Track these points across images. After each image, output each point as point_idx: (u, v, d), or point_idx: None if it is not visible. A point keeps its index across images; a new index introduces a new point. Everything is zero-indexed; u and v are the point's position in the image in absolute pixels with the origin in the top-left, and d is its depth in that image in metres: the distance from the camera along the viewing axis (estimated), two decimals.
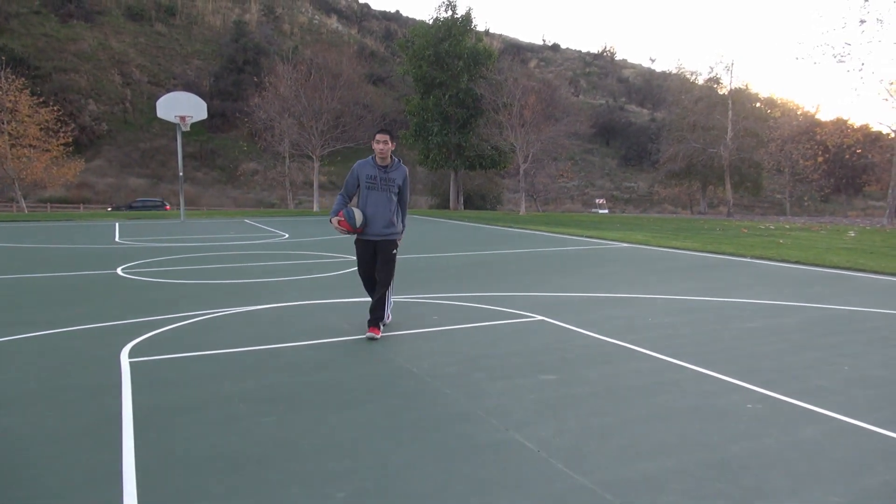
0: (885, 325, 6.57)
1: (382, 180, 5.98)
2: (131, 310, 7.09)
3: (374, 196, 5.97)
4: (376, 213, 5.96)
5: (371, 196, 5.97)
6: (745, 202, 58.82)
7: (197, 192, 52.00)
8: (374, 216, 5.96)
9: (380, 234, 6.00)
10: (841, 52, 28.38)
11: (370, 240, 6.02)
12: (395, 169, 6.07)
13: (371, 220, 5.96)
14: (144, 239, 16.51)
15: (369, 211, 5.96)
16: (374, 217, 5.96)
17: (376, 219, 5.97)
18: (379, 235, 6.01)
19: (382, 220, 5.99)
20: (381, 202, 5.98)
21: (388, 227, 6.02)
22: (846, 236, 18.44)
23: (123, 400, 4.16)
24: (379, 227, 5.99)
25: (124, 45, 65.02)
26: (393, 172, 6.04)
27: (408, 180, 6.21)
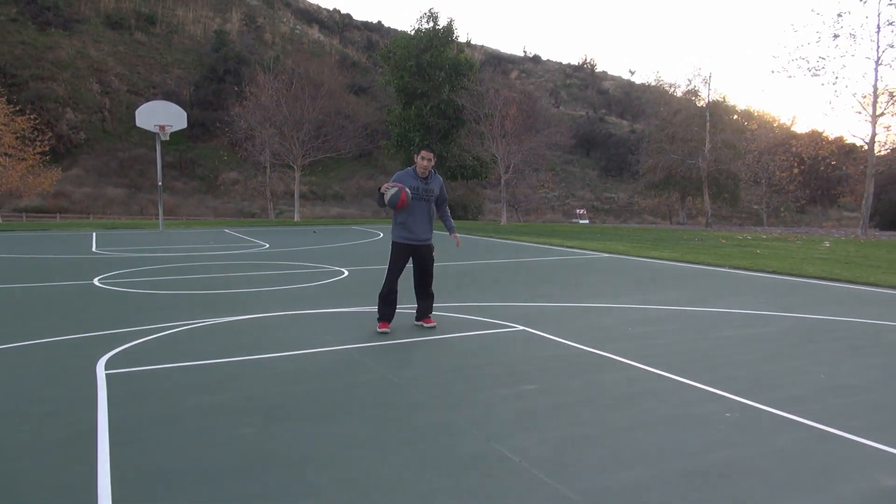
0: (858, 333, 6.68)
1: (424, 191, 6.52)
2: (108, 321, 7.00)
3: (416, 205, 6.47)
4: (419, 221, 6.52)
5: (414, 205, 6.46)
6: (724, 213, 59.54)
7: (176, 202, 51.54)
8: (416, 224, 6.51)
9: (422, 239, 6.60)
10: (815, 66, 28.93)
11: (412, 244, 6.56)
12: (433, 180, 6.64)
13: (414, 228, 6.51)
14: (122, 249, 16.32)
15: (414, 220, 6.50)
16: (417, 224, 6.51)
17: (419, 226, 6.53)
18: (421, 241, 6.60)
19: (424, 227, 6.58)
20: (422, 211, 6.54)
21: (428, 233, 6.63)
22: (821, 247, 18.73)
23: (99, 412, 4.10)
24: (421, 233, 6.57)
25: (103, 54, 64.46)
26: (432, 183, 6.62)
27: (444, 188, 6.84)
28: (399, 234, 6.58)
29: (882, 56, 27.34)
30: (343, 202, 59.66)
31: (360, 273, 11.58)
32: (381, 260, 13.85)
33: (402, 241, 6.56)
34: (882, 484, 3.19)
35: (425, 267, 6.70)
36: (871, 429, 3.92)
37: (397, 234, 6.59)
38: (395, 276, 6.59)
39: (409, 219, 6.49)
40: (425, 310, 6.77)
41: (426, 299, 6.77)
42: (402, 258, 6.60)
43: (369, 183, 62.61)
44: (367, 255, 15.36)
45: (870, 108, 28.08)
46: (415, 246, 6.58)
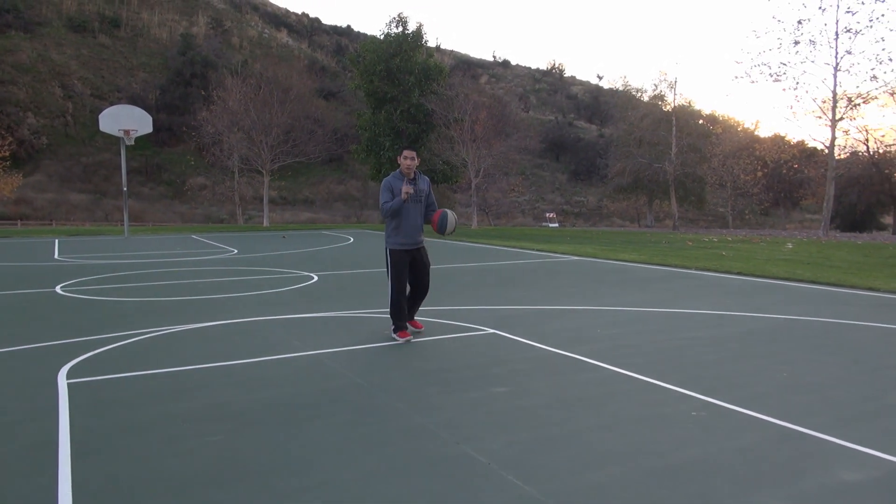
0: (820, 332, 6.83)
1: (415, 192, 6.41)
2: (71, 329, 6.85)
3: (409, 210, 6.38)
4: (413, 224, 6.43)
5: (407, 210, 6.37)
6: (690, 215, 60.48)
7: (142, 208, 50.61)
8: (411, 227, 6.41)
9: (418, 242, 6.51)
10: (777, 72, 29.58)
11: (410, 249, 6.45)
12: (421, 180, 6.57)
13: (408, 232, 6.40)
14: (86, 256, 15.99)
15: (408, 223, 6.39)
16: (411, 227, 6.41)
17: (413, 229, 6.43)
18: (418, 244, 6.51)
19: (417, 229, 6.49)
20: (415, 213, 6.45)
21: (421, 234, 6.55)
22: (784, 248, 19.13)
23: (61, 423, 4.01)
24: (417, 237, 6.48)
25: (66, 58, 63.12)
26: (420, 183, 6.53)
27: (430, 186, 6.76)
28: (395, 240, 6.38)
29: (840, 62, 28.11)
30: (313, 207, 59.22)
31: (330, 278, 11.50)
32: (351, 264, 13.83)
33: (399, 249, 6.38)
34: (843, 479, 3.27)
35: (423, 272, 6.55)
36: (833, 425, 4.01)
37: (393, 241, 6.39)
38: (403, 284, 6.41)
39: (404, 223, 6.36)
40: (412, 313, 6.73)
41: (416, 302, 6.69)
42: (403, 265, 6.41)
43: (339, 187, 62.31)
44: (337, 259, 15.27)
45: (829, 112, 28.80)
46: (412, 251, 6.46)
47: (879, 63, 27.72)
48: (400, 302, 6.40)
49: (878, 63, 27.84)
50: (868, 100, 29.13)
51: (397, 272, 6.38)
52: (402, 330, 6.43)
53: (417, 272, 6.51)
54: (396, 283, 6.37)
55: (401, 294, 6.39)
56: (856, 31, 27.46)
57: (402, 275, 6.40)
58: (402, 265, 6.40)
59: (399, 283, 6.38)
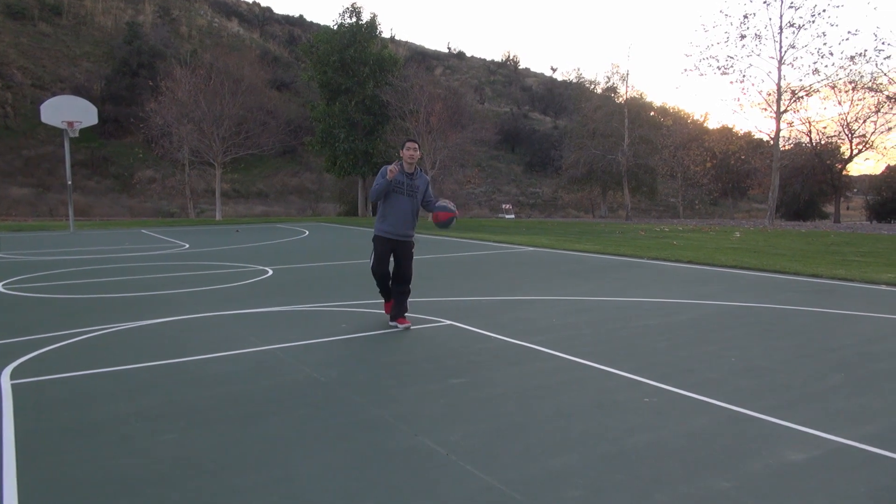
0: (767, 318, 7.06)
1: (408, 186, 6.48)
2: (14, 328, 6.61)
3: (399, 200, 6.45)
4: (401, 216, 6.48)
5: (397, 200, 6.44)
6: (643, 206, 61.62)
7: (89, 202, 49.01)
8: (398, 218, 6.47)
9: (402, 234, 6.55)
10: (724, 65, 30.30)
11: (392, 239, 6.53)
12: (419, 177, 6.59)
13: (395, 222, 6.47)
14: (29, 252, 15.43)
15: (396, 214, 6.46)
16: (399, 219, 6.48)
17: (400, 221, 6.49)
18: (401, 236, 6.55)
19: (406, 223, 6.53)
20: (404, 206, 6.48)
21: (409, 229, 6.58)
22: (732, 237, 19.67)
23: (4, 424, 3.87)
24: (401, 229, 6.51)
25: (3, 46, 60.56)
26: (418, 180, 6.56)
27: (430, 186, 6.78)
28: (379, 227, 6.55)
29: (784, 56, 28.93)
30: (267, 200, 58.29)
31: (285, 272, 11.36)
32: (307, 258, 13.69)
33: (382, 235, 6.52)
34: (788, 459, 3.39)
35: (403, 265, 6.58)
36: (779, 407, 4.15)
37: (378, 227, 6.57)
38: (381, 269, 6.56)
39: (391, 212, 6.45)
40: (400, 310, 6.60)
41: (401, 299, 6.62)
42: (384, 251, 6.54)
43: (294, 180, 61.44)
44: (292, 253, 15.09)
45: (774, 104, 29.66)
46: (395, 241, 6.53)
47: (821, 57, 28.68)
48: (382, 285, 6.66)
49: (819, 57, 28.81)
50: (811, 92, 30.12)
51: (376, 257, 6.58)
52: (388, 301, 6.74)
53: (398, 261, 6.62)
54: (376, 266, 6.57)
55: (382, 277, 6.60)
56: (799, 25, 28.31)
57: (380, 260, 6.55)
58: (382, 252, 6.54)
59: (377, 266, 6.56)
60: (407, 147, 6.48)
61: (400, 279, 6.59)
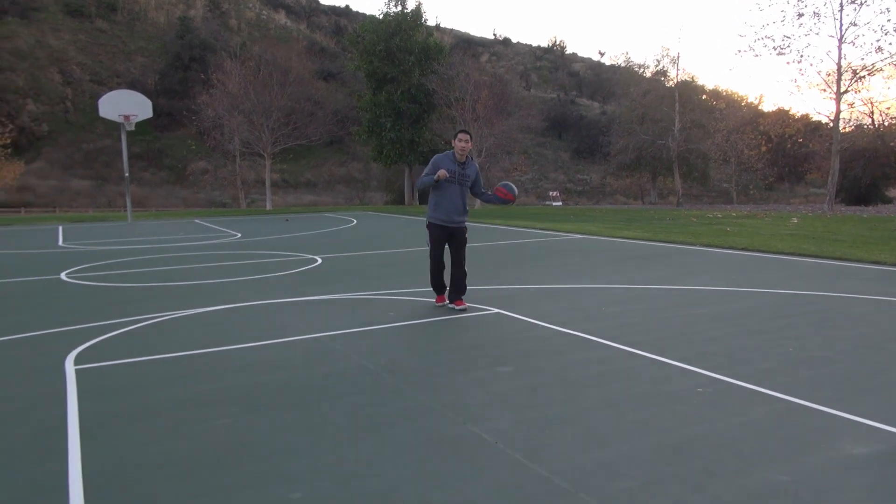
0: (827, 307, 6.81)
1: (459, 175, 6.71)
2: (76, 316, 6.87)
3: (450, 188, 6.68)
4: (453, 204, 6.72)
5: (448, 188, 6.67)
6: (694, 192, 60.20)
7: (145, 193, 50.58)
8: (450, 206, 6.71)
9: (455, 221, 6.78)
10: (781, 45, 29.26)
11: (447, 226, 6.77)
12: (469, 165, 6.82)
13: (447, 210, 6.71)
14: (89, 242, 16.00)
15: (448, 202, 6.70)
16: (451, 207, 6.72)
17: (452, 208, 6.72)
18: (455, 223, 6.79)
19: (457, 210, 6.76)
20: (456, 194, 6.72)
21: (461, 215, 6.82)
22: (789, 223, 19.05)
23: (69, 409, 4.03)
24: (455, 216, 6.76)
25: (63, 43, 62.75)
26: (468, 168, 6.79)
27: (480, 174, 7.02)
28: (433, 215, 6.80)
29: (845, 34, 27.76)
30: (315, 189, 59.13)
31: (334, 260, 11.50)
32: (355, 246, 13.82)
33: (436, 223, 6.78)
34: (849, 452, 3.27)
35: (457, 249, 6.84)
36: (840, 399, 4.01)
37: (431, 215, 6.82)
38: (437, 256, 6.84)
39: (443, 200, 6.70)
40: (457, 292, 6.83)
41: (458, 282, 6.83)
42: (439, 238, 6.82)
43: (341, 170, 62.13)
44: (341, 242, 15.26)
45: (834, 85, 28.52)
46: (449, 228, 6.77)
47: (885, 34, 27.40)
48: (436, 273, 6.92)
49: (883, 34, 27.53)
50: (873, 72, 28.84)
51: (432, 245, 6.86)
52: (439, 294, 7.00)
53: (452, 248, 6.86)
54: (432, 254, 6.85)
55: (437, 265, 6.86)
56: (861, 1, 27.10)
57: (436, 248, 6.84)
58: (438, 239, 6.82)
59: (434, 253, 6.84)
60: (459, 138, 6.70)
61: (456, 265, 6.84)
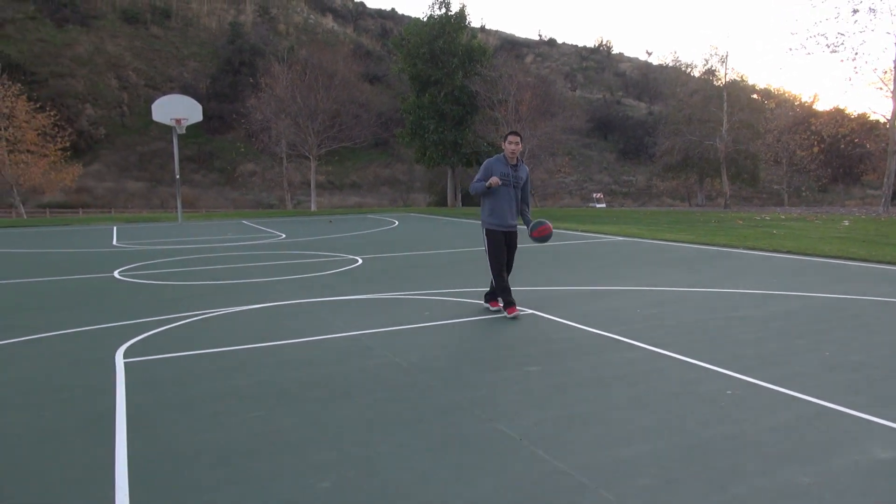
0: (869, 311, 6.66)
1: (513, 177, 6.61)
2: (127, 312, 7.19)
3: (504, 192, 6.59)
4: (507, 208, 6.63)
5: (502, 192, 6.57)
6: (744, 193, 58.83)
7: (196, 195, 52.14)
8: (506, 210, 6.62)
9: (510, 225, 6.72)
10: (834, 42, 28.43)
11: (505, 231, 6.68)
12: (521, 168, 6.72)
13: (502, 214, 6.62)
14: (142, 242, 16.61)
15: (501, 206, 6.61)
16: (505, 211, 6.63)
17: (506, 212, 6.64)
18: (510, 227, 6.73)
19: (512, 214, 6.69)
20: (511, 197, 6.65)
21: (514, 219, 6.75)
22: (840, 226, 18.52)
23: (117, 399, 4.26)
24: (509, 220, 6.69)
25: (120, 49, 65.07)
26: (520, 171, 6.69)
27: (529, 177, 6.90)
28: (489, 220, 6.68)
29: None
30: (360, 191, 59.94)
31: (374, 261, 11.70)
32: (396, 248, 14.01)
33: (493, 228, 6.66)
34: (877, 456, 3.24)
35: (509, 254, 6.77)
36: (873, 404, 3.95)
37: (488, 220, 6.69)
38: (501, 261, 6.64)
39: (498, 205, 6.60)
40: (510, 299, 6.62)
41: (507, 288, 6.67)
42: (498, 243, 6.66)
43: (386, 171, 62.82)
44: (382, 242, 15.49)
45: (891, 83, 27.56)
46: (506, 233, 6.70)
47: None
48: (501, 279, 6.61)
49: None
50: None
51: (494, 250, 6.67)
52: (509, 307, 6.57)
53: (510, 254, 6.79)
54: (494, 260, 6.66)
55: (500, 271, 6.64)
56: None
57: (498, 252, 6.66)
58: (498, 244, 6.66)
59: (496, 260, 6.65)
60: (509, 141, 6.60)
61: (506, 266, 6.76)
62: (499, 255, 6.64)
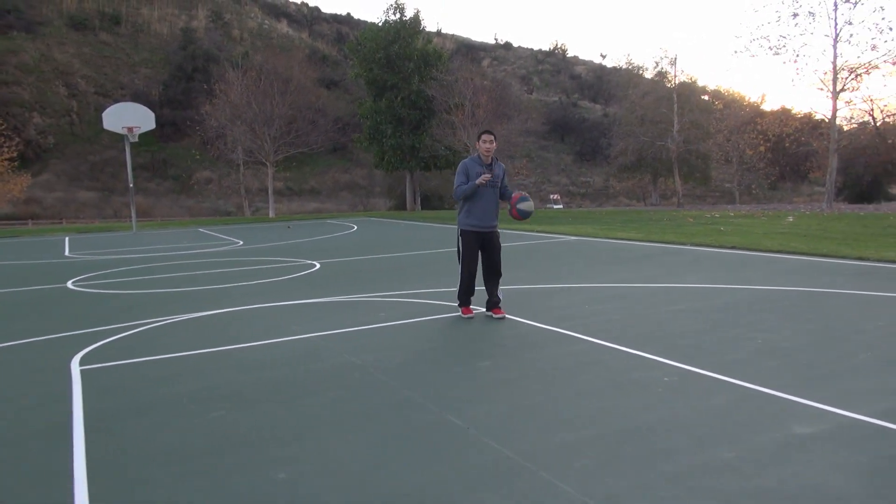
0: (800, 301, 7.06)
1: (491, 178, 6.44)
2: (82, 321, 7.17)
3: (483, 192, 6.48)
4: (487, 208, 6.53)
5: (483, 192, 6.47)
6: (698, 192, 60.31)
7: (150, 203, 51.09)
8: (484, 210, 6.52)
9: (490, 226, 6.60)
10: (776, 45, 29.49)
11: (482, 232, 6.57)
12: (497, 165, 6.60)
13: (481, 215, 6.51)
14: (95, 252, 16.35)
15: (481, 206, 6.50)
16: (485, 211, 6.52)
17: (486, 213, 6.53)
18: (490, 228, 6.61)
19: (491, 214, 6.58)
20: (490, 198, 6.55)
21: (494, 219, 6.64)
22: (784, 222, 19.25)
23: (74, 405, 4.31)
24: (489, 220, 6.58)
25: (68, 56, 63.43)
26: (496, 168, 6.57)
27: (505, 174, 6.78)
28: (466, 221, 6.56)
29: (840, 33, 27.97)
30: (320, 196, 59.55)
31: (332, 265, 11.79)
32: (353, 251, 14.11)
33: (469, 229, 6.55)
34: (795, 432, 3.52)
35: (493, 256, 6.67)
36: (795, 386, 4.25)
37: (464, 221, 6.57)
38: (472, 264, 6.58)
39: (477, 206, 6.49)
40: (495, 300, 6.71)
41: (494, 289, 6.72)
42: (473, 246, 6.58)
43: (345, 176, 62.54)
44: (339, 247, 15.56)
45: (830, 84, 28.70)
46: (483, 233, 6.57)
47: (880, 32, 27.63)
48: (467, 281, 6.62)
49: (878, 32, 27.75)
50: (869, 70, 29.01)
51: (466, 253, 6.59)
52: (465, 306, 6.71)
53: (488, 254, 6.66)
54: (465, 263, 6.58)
55: (469, 274, 6.59)
56: (855, 1, 27.30)
57: (470, 255, 6.58)
58: (472, 246, 6.58)
59: (467, 263, 6.58)
60: (483, 140, 6.50)
61: (493, 272, 6.68)
62: (471, 258, 6.58)
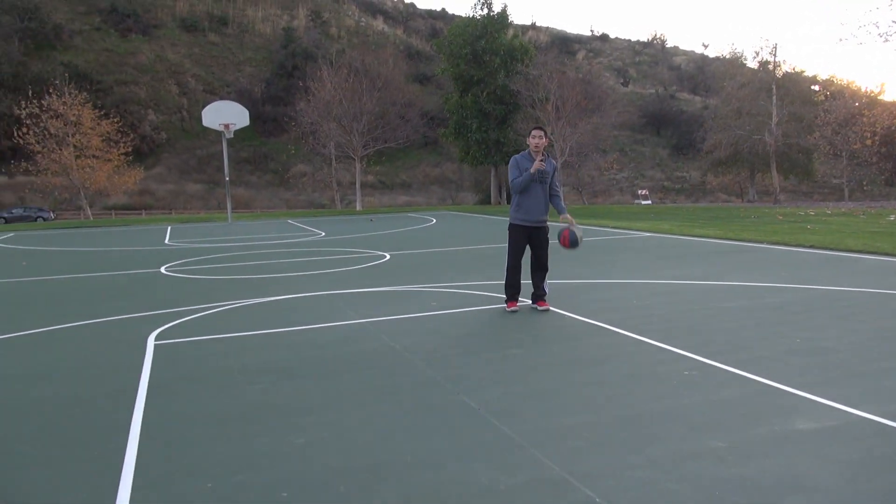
0: (860, 303, 6.82)
1: (539, 172, 6.62)
2: (167, 302, 7.92)
3: (532, 187, 6.63)
4: (536, 203, 6.68)
5: (532, 187, 6.63)
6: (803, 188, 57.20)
7: (251, 195, 53.92)
8: (533, 205, 6.67)
9: (538, 221, 6.74)
10: (887, 32, 27.59)
11: (528, 226, 6.74)
12: (547, 162, 6.69)
13: (530, 209, 6.68)
14: (191, 240, 17.63)
15: (530, 201, 6.66)
16: (534, 206, 6.67)
17: (535, 208, 6.68)
18: (538, 223, 6.75)
19: (540, 209, 6.71)
20: (539, 193, 6.68)
21: (543, 214, 6.75)
22: (884, 220, 18.14)
23: (143, 374, 4.90)
24: (538, 215, 6.72)
25: (180, 56, 67.70)
26: (546, 164, 6.67)
27: (557, 171, 6.92)
28: (516, 216, 6.74)
29: None
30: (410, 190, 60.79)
31: (401, 257, 12.26)
32: (426, 244, 14.55)
33: (518, 223, 6.73)
34: (797, 427, 3.57)
35: (541, 250, 6.80)
36: (818, 384, 4.24)
37: (514, 215, 6.76)
38: (517, 257, 6.75)
39: (526, 200, 6.64)
40: (540, 293, 6.86)
41: (540, 282, 6.85)
42: (519, 240, 6.74)
43: (435, 170, 63.49)
44: (414, 240, 16.05)
45: None
46: (531, 228, 6.72)
47: None
48: (511, 275, 6.79)
49: None
50: None
51: (511, 246, 6.79)
52: (510, 301, 6.83)
53: (535, 249, 6.81)
54: (510, 256, 6.78)
55: (513, 267, 6.76)
56: None
57: (516, 249, 6.77)
58: (518, 240, 6.76)
59: (512, 256, 6.77)
60: (532, 135, 6.60)
61: (539, 265, 6.82)
62: (516, 251, 6.74)
